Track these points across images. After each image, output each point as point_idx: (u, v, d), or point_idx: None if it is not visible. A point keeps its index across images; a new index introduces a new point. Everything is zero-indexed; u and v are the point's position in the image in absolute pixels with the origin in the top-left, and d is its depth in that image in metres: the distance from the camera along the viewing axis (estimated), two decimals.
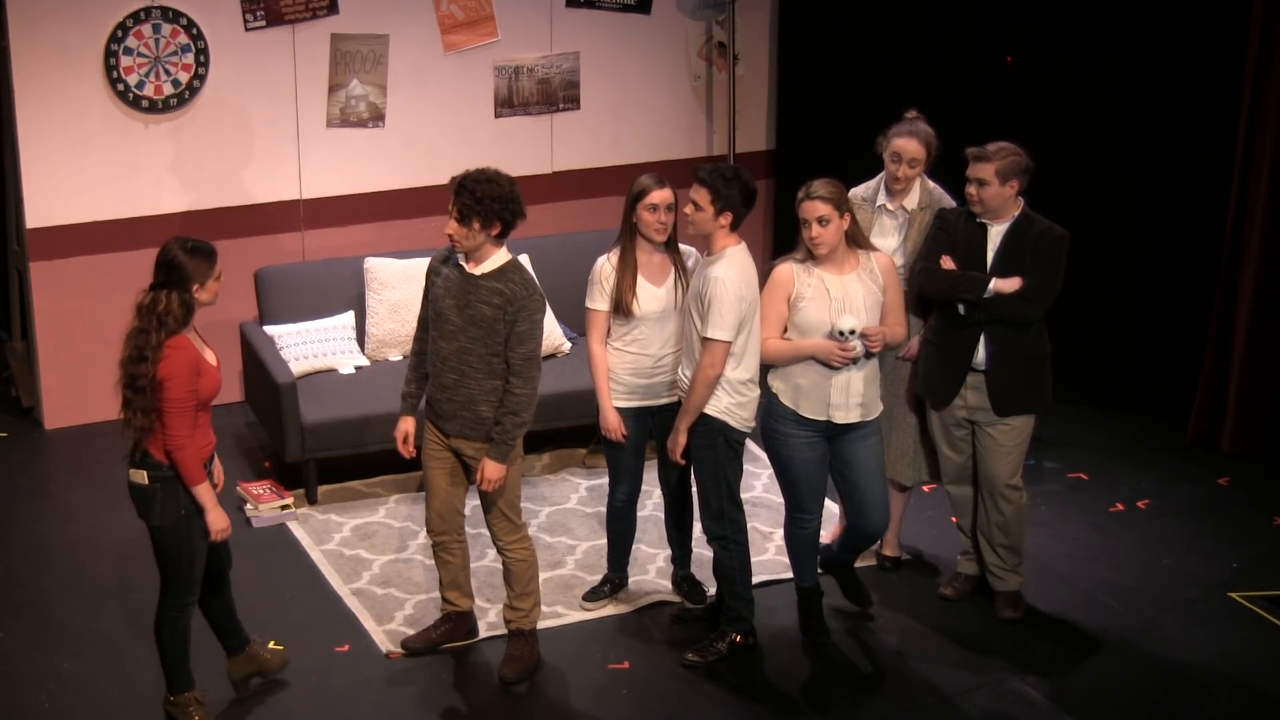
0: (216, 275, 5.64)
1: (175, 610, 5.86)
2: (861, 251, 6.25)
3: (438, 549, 6.42)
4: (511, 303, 5.98)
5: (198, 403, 5.60)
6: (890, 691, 6.36)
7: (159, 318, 5.52)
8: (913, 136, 6.69)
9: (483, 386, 6.06)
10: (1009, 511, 6.69)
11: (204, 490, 5.67)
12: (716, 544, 6.44)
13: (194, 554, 5.78)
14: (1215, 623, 6.81)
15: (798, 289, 6.21)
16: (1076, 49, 8.63)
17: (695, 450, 6.33)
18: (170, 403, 5.52)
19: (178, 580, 5.81)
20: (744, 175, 6.22)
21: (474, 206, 5.92)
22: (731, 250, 6.18)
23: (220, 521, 5.74)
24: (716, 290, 6.08)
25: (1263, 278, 8.10)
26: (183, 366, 5.53)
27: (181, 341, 5.56)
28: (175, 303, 5.54)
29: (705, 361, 6.13)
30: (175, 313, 5.53)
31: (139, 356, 5.51)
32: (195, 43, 8.35)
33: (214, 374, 5.70)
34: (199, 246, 5.63)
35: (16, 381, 8.87)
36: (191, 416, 5.58)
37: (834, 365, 6.19)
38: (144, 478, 5.66)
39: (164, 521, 5.70)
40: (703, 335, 6.13)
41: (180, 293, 5.55)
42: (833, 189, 6.15)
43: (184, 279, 5.56)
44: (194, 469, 5.62)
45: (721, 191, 6.12)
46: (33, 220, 8.29)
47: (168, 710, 6.04)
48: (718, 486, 6.32)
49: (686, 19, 9.44)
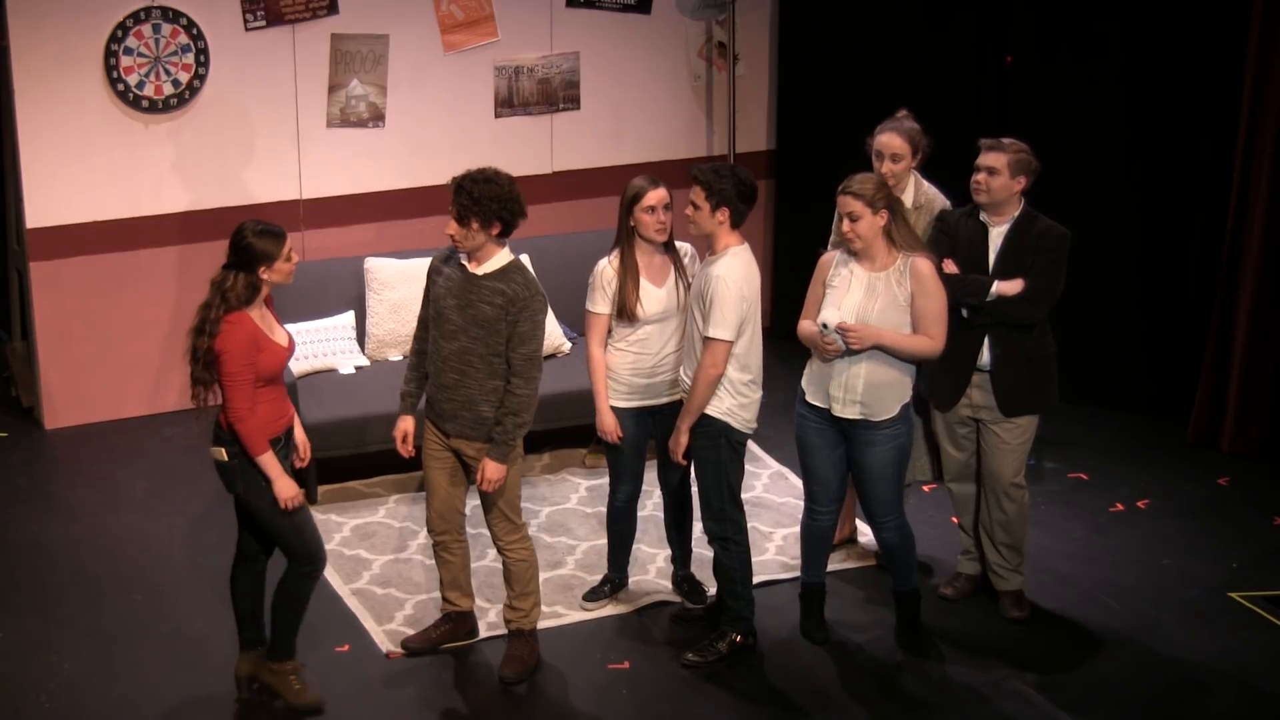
0: (286, 256, 5.82)
1: (297, 579, 6.01)
2: (902, 253, 6.17)
3: (438, 549, 6.43)
4: (514, 303, 5.98)
5: (256, 377, 5.76)
6: (890, 691, 6.36)
7: (223, 294, 5.76)
8: (895, 133, 6.69)
9: (483, 387, 6.06)
10: (1011, 510, 6.69)
11: (267, 460, 5.81)
12: (717, 544, 6.43)
13: (293, 521, 5.91)
14: (1215, 622, 6.81)
15: (830, 276, 6.23)
16: (1077, 49, 8.63)
17: (697, 451, 6.32)
18: (226, 375, 5.73)
19: (295, 549, 5.98)
20: (739, 171, 6.22)
21: (471, 207, 5.92)
22: (734, 249, 6.18)
23: (287, 490, 5.85)
24: (718, 289, 6.08)
25: (1263, 278, 8.11)
26: (238, 341, 5.71)
27: (240, 318, 5.74)
28: (241, 282, 5.76)
29: (707, 361, 6.13)
30: (239, 291, 5.75)
31: (199, 328, 5.76)
32: (195, 43, 8.35)
33: (278, 351, 5.85)
34: (268, 229, 5.82)
35: (16, 381, 8.87)
36: (249, 389, 5.75)
37: (824, 357, 6.20)
38: (223, 454, 5.84)
39: (249, 494, 5.88)
40: (704, 334, 6.13)
41: (248, 274, 5.76)
42: (867, 185, 6.12)
43: (252, 261, 5.76)
44: (255, 440, 5.77)
45: (714, 186, 6.12)
46: (33, 220, 8.30)
47: (265, 679, 6.13)
48: (719, 487, 6.32)
49: (686, 19, 9.44)
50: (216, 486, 7.69)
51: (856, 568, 7.20)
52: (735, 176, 6.17)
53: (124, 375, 8.59)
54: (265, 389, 5.82)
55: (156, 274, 8.54)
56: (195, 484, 7.90)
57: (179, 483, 7.96)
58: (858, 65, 9.32)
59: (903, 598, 6.58)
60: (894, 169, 6.69)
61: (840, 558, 7.22)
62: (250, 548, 6.11)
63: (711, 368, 6.13)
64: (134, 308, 8.53)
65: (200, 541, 7.39)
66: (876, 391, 6.21)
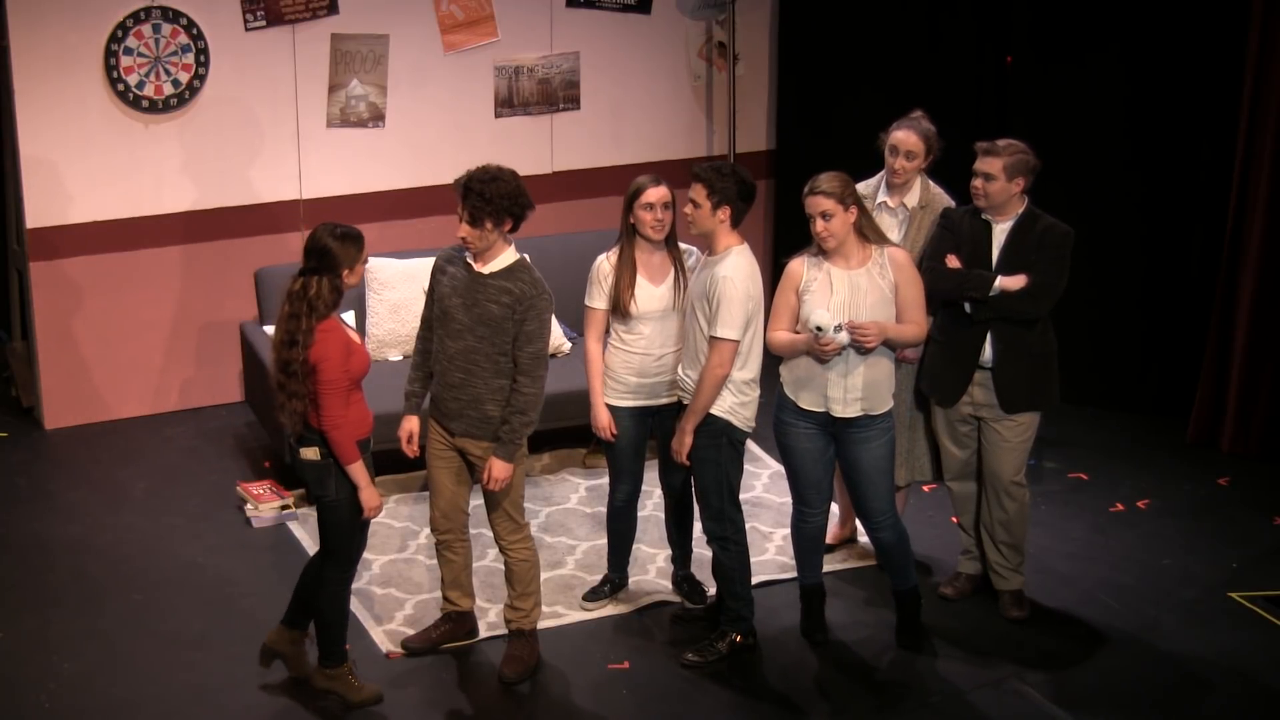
0: (364, 259, 5.80)
1: (335, 584, 5.99)
2: (874, 246, 6.23)
3: (441, 548, 6.42)
4: (521, 301, 5.99)
5: (350, 382, 5.76)
6: (890, 691, 6.36)
7: (309, 303, 5.68)
8: (911, 131, 6.71)
9: (489, 385, 6.06)
10: (1012, 509, 6.69)
11: (358, 469, 5.80)
12: (716, 544, 6.43)
13: (355, 528, 5.92)
14: (1215, 622, 6.81)
15: (805, 282, 6.22)
16: (1076, 49, 8.63)
17: (697, 450, 6.31)
18: (325, 384, 5.69)
19: (340, 553, 5.96)
20: (740, 171, 6.22)
21: (484, 207, 5.92)
22: (736, 249, 6.18)
23: (373, 500, 5.86)
24: (725, 289, 6.08)
25: (1263, 278, 8.11)
26: (335, 348, 5.70)
27: (331, 324, 5.73)
28: (325, 288, 5.70)
29: (714, 361, 6.13)
30: (326, 297, 5.70)
31: (290, 341, 5.68)
32: (195, 43, 8.35)
33: (363, 353, 5.87)
34: (348, 232, 5.78)
35: (16, 381, 8.86)
36: (345, 395, 5.75)
37: (822, 359, 6.20)
38: (316, 453, 5.81)
39: (340, 496, 5.85)
40: (711, 335, 6.13)
41: (331, 278, 5.71)
42: (836, 183, 6.14)
43: (334, 264, 5.71)
44: (349, 447, 5.77)
45: (716, 185, 6.12)
46: (33, 220, 8.29)
47: (322, 685, 6.12)
48: (719, 487, 6.32)
49: (686, 19, 9.44)
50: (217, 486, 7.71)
51: (856, 568, 7.20)
52: (737, 175, 6.17)
53: (124, 375, 8.59)
54: (355, 392, 5.83)
55: (157, 274, 8.54)
56: (195, 484, 7.91)
57: (179, 483, 7.96)
58: (858, 65, 9.32)
59: (902, 597, 6.58)
60: (906, 166, 6.70)
61: (840, 558, 7.23)
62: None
63: (719, 368, 6.13)
64: (134, 308, 8.53)
65: (200, 541, 7.38)
66: (874, 387, 6.26)
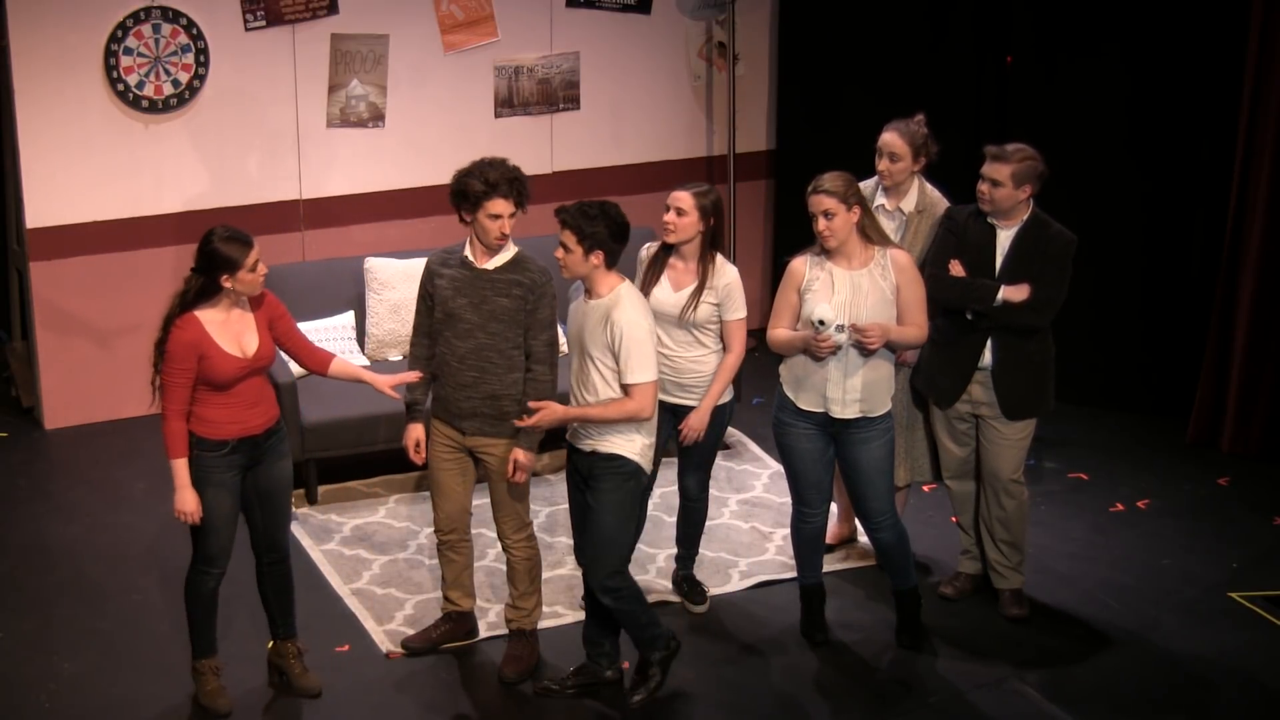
0: (250, 266, 5.76)
1: (195, 574, 6.04)
2: (877, 247, 6.21)
3: (444, 548, 6.42)
4: (533, 290, 6.00)
5: (195, 379, 5.78)
6: (891, 691, 6.36)
7: (180, 296, 5.80)
8: (896, 132, 6.69)
9: (504, 380, 6.06)
10: (1011, 507, 6.69)
11: (175, 467, 5.84)
12: (609, 597, 6.01)
13: (210, 527, 5.91)
14: (1215, 622, 6.81)
15: (806, 281, 6.21)
16: (1077, 49, 8.63)
17: (601, 493, 5.96)
18: (163, 374, 5.81)
19: (196, 548, 6.00)
20: (611, 210, 5.87)
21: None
22: (623, 289, 5.90)
23: (181, 504, 5.84)
24: (631, 334, 5.81)
25: (1263, 278, 8.11)
26: (180, 345, 5.75)
27: (188, 320, 5.76)
28: (194, 286, 5.78)
29: (640, 405, 5.85)
30: (189, 296, 5.78)
31: (161, 325, 5.83)
32: (195, 43, 8.35)
33: (229, 361, 5.79)
34: (235, 236, 5.79)
35: (16, 381, 8.86)
36: (180, 393, 5.79)
37: (818, 357, 6.18)
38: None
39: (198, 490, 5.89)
40: (626, 383, 5.85)
41: (207, 279, 5.76)
42: (839, 182, 6.12)
43: (213, 266, 5.75)
44: (172, 443, 5.82)
45: (586, 230, 5.80)
46: (33, 220, 8.29)
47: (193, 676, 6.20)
48: (621, 532, 6.00)
49: (686, 19, 9.44)
50: None
51: (856, 568, 7.20)
52: (607, 216, 5.83)
53: (124, 375, 8.58)
54: (213, 394, 5.81)
55: (157, 274, 8.53)
56: None
57: None
58: (858, 65, 9.32)
59: (902, 597, 6.58)
60: (891, 168, 6.69)
61: (840, 558, 7.23)
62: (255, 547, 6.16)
63: (643, 412, 5.88)
64: (134, 308, 8.52)
65: None
66: (873, 387, 6.25)
